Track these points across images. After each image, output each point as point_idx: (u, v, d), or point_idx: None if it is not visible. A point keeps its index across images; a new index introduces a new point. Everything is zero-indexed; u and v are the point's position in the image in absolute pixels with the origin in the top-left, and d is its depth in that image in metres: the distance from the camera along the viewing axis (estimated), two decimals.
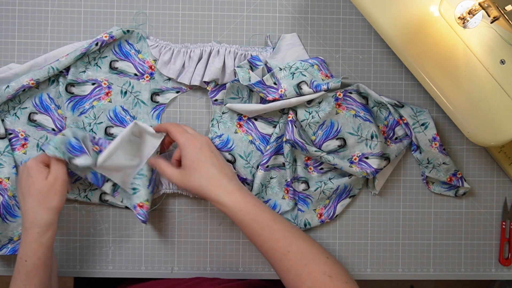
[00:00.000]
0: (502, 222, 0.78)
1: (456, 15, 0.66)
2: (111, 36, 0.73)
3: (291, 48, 0.76)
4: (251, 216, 0.64)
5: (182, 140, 0.67)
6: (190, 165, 0.66)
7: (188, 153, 0.67)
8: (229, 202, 0.64)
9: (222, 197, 0.65)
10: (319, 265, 0.62)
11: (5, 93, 0.72)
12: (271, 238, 0.63)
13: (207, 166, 0.66)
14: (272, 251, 0.63)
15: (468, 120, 0.68)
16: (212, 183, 0.65)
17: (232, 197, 0.65)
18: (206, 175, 0.66)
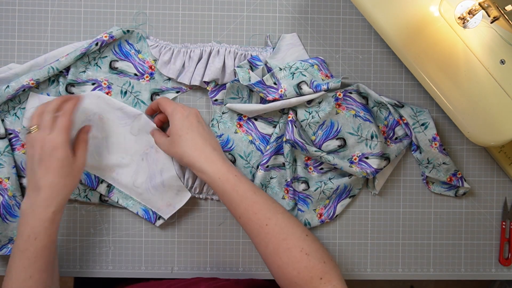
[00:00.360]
0: (502, 222, 0.78)
1: (456, 15, 0.66)
2: (111, 36, 0.73)
3: (291, 48, 0.76)
4: (231, 186, 0.64)
5: (170, 109, 0.69)
6: (176, 132, 0.67)
7: (174, 120, 0.68)
8: (210, 171, 0.64)
9: (204, 165, 0.65)
10: (297, 241, 0.62)
11: (5, 93, 0.72)
12: (250, 210, 0.63)
13: (192, 134, 0.67)
14: (250, 223, 0.63)
15: (468, 120, 0.68)
16: (195, 151, 0.66)
17: (214, 166, 0.65)
18: (190, 143, 0.66)
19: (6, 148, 0.74)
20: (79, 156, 0.67)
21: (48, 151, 0.63)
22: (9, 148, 0.74)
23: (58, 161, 0.63)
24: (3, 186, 0.73)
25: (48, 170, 0.63)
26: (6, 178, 0.73)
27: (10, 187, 0.73)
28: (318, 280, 0.60)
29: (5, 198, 0.73)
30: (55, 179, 0.63)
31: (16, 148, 0.75)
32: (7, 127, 0.75)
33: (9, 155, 0.74)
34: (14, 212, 0.74)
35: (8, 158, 0.74)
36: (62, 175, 0.64)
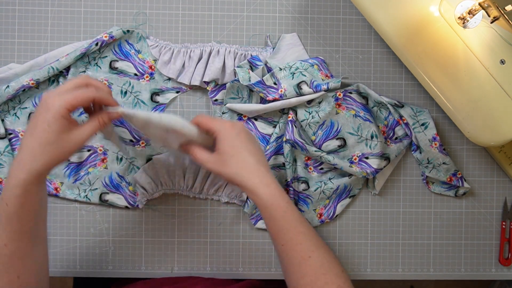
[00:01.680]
0: (502, 222, 0.78)
1: (456, 15, 0.66)
2: (111, 36, 0.73)
3: (291, 48, 0.76)
4: (282, 213, 0.62)
5: (218, 125, 0.64)
6: (227, 151, 0.63)
7: (225, 138, 0.63)
8: (264, 194, 0.62)
9: (258, 187, 0.62)
10: (335, 277, 0.61)
11: (5, 93, 0.72)
12: (296, 239, 0.62)
13: (245, 153, 0.63)
14: (292, 253, 0.62)
15: (468, 120, 0.68)
16: (249, 172, 0.63)
17: (268, 190, 0.62)
18: (243, 163, 0.63)
19: (6, 148, 0.74)
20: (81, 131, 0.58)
21: (43, 110, 0.56)
22: (9, 148, 0.74)
23: (44, 124, 0.55)
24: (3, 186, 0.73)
25: (32, 131, 0.56)
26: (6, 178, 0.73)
27: None
28: None
29: None
30: (34, 143, 0.55)
31: (16, 148, 0.75)
32: (7, 127, 0.75)
33: (9, 155, 0.74)
34: None
35: (8, 158, 0.74)
36: (44, 141, 0.55)
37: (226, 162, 0.63)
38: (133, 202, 0.75)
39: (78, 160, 0.75)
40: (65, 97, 0.56)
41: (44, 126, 0.55)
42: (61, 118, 0.55)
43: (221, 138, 0.63)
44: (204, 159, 0.64)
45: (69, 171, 0.75)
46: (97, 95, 0.58)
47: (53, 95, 0.56)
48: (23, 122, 0.75)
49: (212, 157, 0.64)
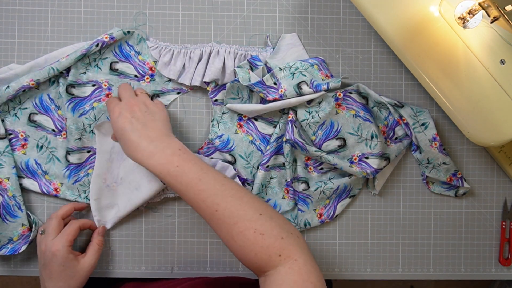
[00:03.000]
0: (502, 222, 0.79)
1: (456, 15, 0.66)
2: (111, 37, 0.73)
3: (291, 48, 0.76)
4: (173, 178, 0.62)
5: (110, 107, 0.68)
6: (117, 137, 0.66)
7: (112, 122, 0.66)
8: (149, 166, 0.63)
9: (144, 161, 0.63)
10: (249, 222, 0.59)
11: (5, 94, 0.72)
12: (198, 199, 0.61)
13: (126, 133, 0.64)
14: (200, 211, 0.62)
15: (468, 120, 0.68)
16: (133, 150, 0.64)
17: (152, 160, 0.62)
18: (128, 143, 0.64)
19: (6, 148, 0.74)
20: (88, 258, 0.71)
21: (49, 256, 0.68)
22: (9, 149, 0.74)
23: (59, 266, 0.67)
24: (3, 186, 0.73)
25: (51, 275, 0.68)
26: (6, 178, 0.73)
27: (10, 187, 0.73)
28: (277, 257, 0.58)
29: (5, 199, 0.73)
30: (58, 283, 0.68)
31: (16, 148, 0.75)
32: (7, 127, 0.75)
33: (9, 156, 0.74)
34: (14, 212, 0.74)
35: (8, 159, 0.74)
36: (65, 278, 0.68)
37: (121, 147, 0.66)
38: None
39: (78, 161, 0.75)
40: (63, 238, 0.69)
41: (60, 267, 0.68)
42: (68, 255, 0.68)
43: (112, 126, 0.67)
44: None
45: (68, 172, 0.75)
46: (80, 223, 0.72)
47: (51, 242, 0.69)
48: (23, 122, 0.75)
49: None
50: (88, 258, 0.71)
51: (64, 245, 0.68)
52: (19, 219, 0.74)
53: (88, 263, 0.70)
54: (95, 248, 0.72)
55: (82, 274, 0.70)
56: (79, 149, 0.75)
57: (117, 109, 0.66)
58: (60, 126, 0.75)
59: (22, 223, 0.74)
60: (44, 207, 0.77)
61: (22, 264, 0.77)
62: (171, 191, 0.76)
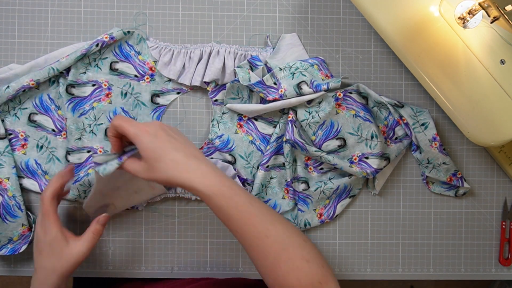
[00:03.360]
0: (502, 222, 0.79)
1: (456, 15, 0.66)
2: (111, 37, 0.73)
3: (291, 48, 0.76)
4: (226, 200, 0.59)
5: (132, 130, 0.60)
6: (150, 156, 0.59)
7: (143, 143, 0.59)
8: (202, 187, 0.58)
9: (194, 181, 0.58)
10: (298, 249, 0.59)
11: (5, 94, 0.72)
12: (248, 223, 0.59)
13: (170, 152, 0.59)
14: (249, 236, 0.59)
15: (468, 120, 0.68)
16: (180, 170, 0.59)
17: (205, 180, 0.59)
18: (172, 163, 0.59)
19: (6, 148, 0.74)
20: (78, 244, 0.65)
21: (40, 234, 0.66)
22: (9, 149, 0.74)
23: (46, 245, 0.65)
24: (3, 186, 0.73)
25: (40, 253, 0.65)
26: (6, 178, 0.73)
27: (10, 187, 0.73)
28: (318, 284, 0.58)
29: (5, 199, 0.73)
30: (45, 262, 0.65)
31: (16, 148, 0.75)
32: (7, 127, 0.75)
33: (9, 156, 0.74)
34: (14, 212, 0.74)
35: (8, 159, 0.74)
36: (51, 258, 0.65)
37: (154, 167, 0.59)
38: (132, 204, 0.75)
39: (78, 161, 0.75)
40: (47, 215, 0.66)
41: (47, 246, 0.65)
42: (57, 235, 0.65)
43: (139, 144, 0.60)
44: (135, 170, 0.61)
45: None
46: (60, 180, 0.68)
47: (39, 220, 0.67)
48: (23, 122, 0.75)
49: (141, 166, 0.61)
50: (78, 244, 0.65)
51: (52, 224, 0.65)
52: (19, 219, 0.74)
53: (77, 249, 0.65)
54: (89, 236, 0.66)
55: (68, 259, 0.64)
56: (79, 149, 0.75)
57: (147, 129, 0.60)
58: (60, 126, 0.75)
59: (22, 223, 0.74)
60: None
61: (22, 264, 0.77)
62: (172, 191, 0.76)
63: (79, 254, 0.65)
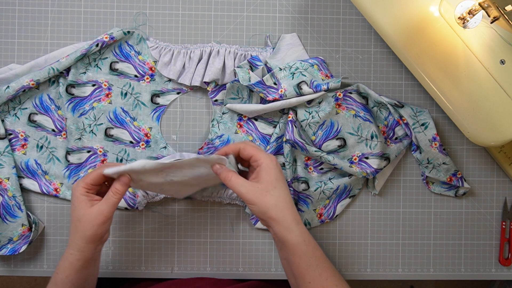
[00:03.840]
0: (502, 222, 0.79)
1: (456, 15, 0.66)
2: (111, 37, 0.73)
3: (291, 48, 0.76)
4: (312, 249, 0.63)
5: (263, 155, 0.64)
6: (271, 181, 0.63)
7: (270, 168, 0.63)
8: (299, 231, 0.62)
9: (293, 224, 0.62)
10: None
11: (5, 94, 0.72)
12: (324, 275, 0.63)
13: (284, 188, 0.64)
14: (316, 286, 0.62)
15: (468, 120, 0.68)
16: (287, 207, 0.63)
17: (301, 227, 0.63)
18: (283, 197, 0.63)
19: (6, 148, 0.74)
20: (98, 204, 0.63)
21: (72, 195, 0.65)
22: (9, 149, 0.74)
23: (72, 209, 0.64)
24: (3, 186, 0.73)
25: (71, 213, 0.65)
26: (6, 178, 0.73)
27: (10, 187, 0.73)
28: None
29: (5, 199, 0.73)
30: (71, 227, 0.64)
31: (16, 148, 0.75)
32: (7, 127, 0.75)
33: (9, 156, 0.74)
34: (14, 212, 0.74)
35: (8, 159, 0.74)
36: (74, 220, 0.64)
37: (267, 192, 0.62)
38: (132, 204, 0.75)
39: (78, 161, 0.75)
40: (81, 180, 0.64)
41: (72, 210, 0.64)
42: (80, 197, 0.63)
43: (265, 168, 0.63)
44: (242, 186, 0.63)
45: (68, 172, 0.75)
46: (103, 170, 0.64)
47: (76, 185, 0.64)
48: (23, 122, 0.75)
49: (250, 186, 0.63)
50: (99, 204, 0.64)
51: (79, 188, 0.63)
52: (19, 219, 0.74)
53: (97, 209, 0.63)
54: (108, 195, 0.64)
55: (88, 218, 0.63)
56: (79, 149, 0.75)
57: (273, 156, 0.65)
58: (60, 126, 0.75)
59: (22, 223, 0.74)
60: (44, 207, 0.77)
61: (22, 264, 0.77)
62: None
63: (97, 215, 0.63)
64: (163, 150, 0.76)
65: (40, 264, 0.77)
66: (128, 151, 0.76)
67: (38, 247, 0.77)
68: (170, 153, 0.76)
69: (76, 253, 0.63)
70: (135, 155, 0.76)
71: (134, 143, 0.76)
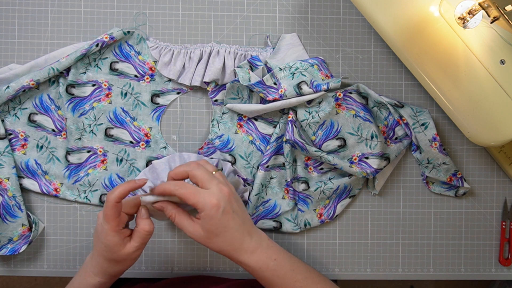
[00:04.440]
0: (502, 222, 0.79)
1: (456, 15, 0.66)
2: (111, 37, 0.73)
3: (291, 48, 0.76)
4: (271, 272, 0.63)
5: (201, 203, 0.59)
6: (212, 230, 0.60)
7: (210, 218, 0.60)
8: (251, 262, 0.63)
9: (244, 259, 0.63)
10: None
11: (5, 94, 0.72)
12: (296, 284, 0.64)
13: (229, 231, 0.61)
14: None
15: (468, 120, 0.68)
16: (234, 248, 0.62)
17: (254, 257, 0.63)
18: (228, 241, 0.61)
19: (6, 148, 0.74)
20: (130, 246, 0.62)
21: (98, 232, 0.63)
22: (9, 149, 0.74)
23: (102, 245, 0.62)
24: (3, 186, 0.73)
25: (96, 248, 0.64)
26: (6, 178, 0.73)
27: (10, 187, 0.73)
28: None
29: (5, 199, 0.73)
30: (100, 260, 0.64)
31: (16, 148, 0.75)
32: (7, 127, 0.75)
33: (9, 156, 0.74)
34: (14, 212, 0.74)
35: (8, 159, 0.74)
36: (106, 258, 0.63)
37: (211, 240, 0.61)
38: None
39: (78, 161, 0.75)
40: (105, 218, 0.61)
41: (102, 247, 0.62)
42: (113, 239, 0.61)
43: (205, 218, 0.60)
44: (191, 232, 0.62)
45: (68, 172, 0.75)
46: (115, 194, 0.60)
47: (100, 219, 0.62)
48: (23, 122, 0.75)
49: (197, 231, 0.61)
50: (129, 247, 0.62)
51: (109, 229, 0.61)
52: (19, 219, 0.74)
53: (128, 252, 0.62)
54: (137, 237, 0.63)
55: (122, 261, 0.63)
56: (79, 149, 0.75)
57: (215, 201, 0.60)
58: (60, 126, 0.75)
59: (22, 223, 0.74)
60: (44, 207, 0.77)
61: (22, 264, 0.77)
62: None
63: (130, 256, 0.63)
64: (163, 150, 0.76)
65: (40, 264, 0.77)
66: (128, 151, 0.76)
67: (38, 247, 0.77)
68: (170, 153, 0.76)
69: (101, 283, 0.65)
70: (135, 155, 0.76)
71: (134, 143, 0.76)
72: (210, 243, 0.62)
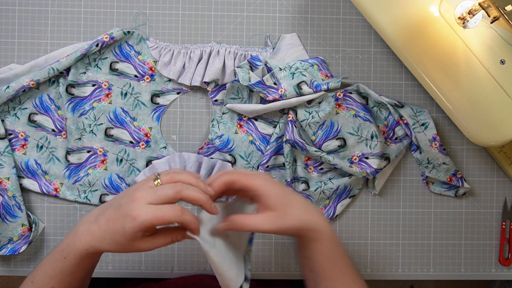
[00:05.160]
0: (502, 222, 0.79)
1: (456, 15, 0.66)
2: (111, 37, 0.73)
3: (291, 48, 0.76)
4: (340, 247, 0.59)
5: (257, 182, 0.56)
6: (281, 202, 0.56)
7: (271, 191, 0.56)
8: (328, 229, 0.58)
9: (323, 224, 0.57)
10: None
11: (5, 94, 0.72)
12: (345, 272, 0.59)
13: (294, 197, 0.58)
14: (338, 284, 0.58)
15: (468, 120, 0.68)
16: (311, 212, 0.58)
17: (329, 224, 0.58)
18: (301, 206, 0.57)
19: (6, 148, 0.74)
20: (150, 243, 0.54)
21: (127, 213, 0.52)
22: (9, 149, 0.74)
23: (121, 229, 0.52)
24: (3, 186, 0.73)
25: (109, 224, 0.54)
26: (6, 178, 0.73)
27: (10, 187, 0.73)
28: None
29: (5, 199, 0.73)
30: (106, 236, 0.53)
31: (16, 148, 0.75)
32: (7, 127, 0.75)
33: (9, 156, 0.74)
34: (14, 212, 0.74)
35: (8, 159, 0.74)
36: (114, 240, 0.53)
37: (285, 214, 0.56)
38: None
39: (78, 161, 0.75)
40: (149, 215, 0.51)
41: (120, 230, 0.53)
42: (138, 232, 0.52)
43: (265, 193, 0.56)
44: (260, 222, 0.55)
45: (68, 172, 0.75)
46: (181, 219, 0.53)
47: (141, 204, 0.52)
48: (23, 122, 0.75)
49: (266, 217, 0.56)
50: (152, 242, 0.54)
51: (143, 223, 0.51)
52: (19, 219, 0.74)
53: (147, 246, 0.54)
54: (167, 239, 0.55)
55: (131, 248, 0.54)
56: (79, 149, 0.75)
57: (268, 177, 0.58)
58: (60, 126, 0.75)
59: (22, 223, 0.74)
60: (44, 207, 0.77)
61: (22, 264, 0.77)
62: None
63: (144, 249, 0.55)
64: (163, 150, 0.76)
65: None
66: (128, 151, 0.76)
67: (38, 247, 0.77)
68: (170, 153, 0.76)
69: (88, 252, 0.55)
70: (135, 155, 0.76)
71: (134, 143, 0.76)
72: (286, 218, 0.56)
